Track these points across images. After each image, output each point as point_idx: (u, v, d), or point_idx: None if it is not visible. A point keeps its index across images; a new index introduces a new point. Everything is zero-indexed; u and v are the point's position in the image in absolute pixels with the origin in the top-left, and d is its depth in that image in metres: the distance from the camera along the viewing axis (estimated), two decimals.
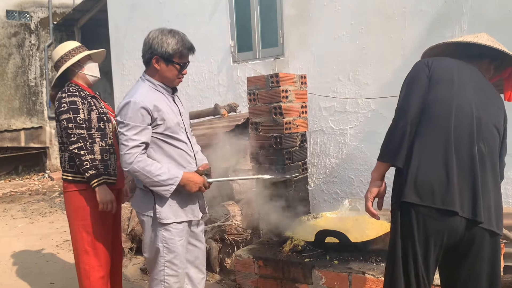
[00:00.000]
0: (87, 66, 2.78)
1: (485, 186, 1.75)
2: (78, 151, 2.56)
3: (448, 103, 1.78)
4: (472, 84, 1.84)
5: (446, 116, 1.76)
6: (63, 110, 2.59)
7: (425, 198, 1.73)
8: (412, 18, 3.91)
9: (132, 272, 4.00)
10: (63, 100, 2.60)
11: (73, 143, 2.57)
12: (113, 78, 6.67)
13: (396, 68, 4.01)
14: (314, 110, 4.46)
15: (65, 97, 2.61)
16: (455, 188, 1.71)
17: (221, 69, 5.29)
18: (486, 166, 1.77)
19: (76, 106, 2.61)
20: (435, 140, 1.76)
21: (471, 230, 1.75)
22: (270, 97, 3.18)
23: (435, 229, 1.74)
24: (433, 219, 1.74)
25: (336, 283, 2.65)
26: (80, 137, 2.58)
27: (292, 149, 3.26)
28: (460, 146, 1.75)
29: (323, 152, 4.48)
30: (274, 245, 3.14)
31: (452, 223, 1.73)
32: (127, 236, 4.27)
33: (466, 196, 1.73)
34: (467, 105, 1.78)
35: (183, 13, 5.58)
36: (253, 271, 3.01)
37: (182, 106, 2.46)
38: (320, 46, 4.45)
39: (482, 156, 1.77)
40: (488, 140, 1.79)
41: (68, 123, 2.58)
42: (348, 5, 4.25)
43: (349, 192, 4.30)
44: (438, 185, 1.72)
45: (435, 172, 1.74)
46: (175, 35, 2.26)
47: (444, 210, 1.72)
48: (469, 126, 1.76)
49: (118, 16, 6.47)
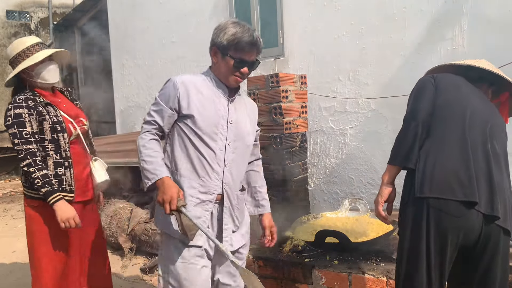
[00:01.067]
0: (40, 70, 2.48)
1: (500, 184, 1.78)
2: (27, 168, 2.33)
3: (460, 103, 1.85)
4: (476, 94, 1.94)
5: (460, 115, 1.82)
6: (9, 125, 2.36)
7: (446, 192, 1.73)
8: (412, 18, 3.91)
9: (132, 272, 4.00)
10: (8, 113, 2.38)
11: (22, 160, 2.34)
12: (113, 78, 6.67)
13: (396, 68, 4.01)
14: (314, 110, 4.46)
15: (11, 109, 2.38)
16: (474, 182, 1.73)
17: None
18: (501, 165, 1.81)
19: (21, 119, 2.37)
20: (451, 139, 1.80)
21: (487, 227, 1.75)
22: (270, 97, 3.18)
23: (451, 226, 1.73)
24: (450, 215, 1.73)
25: (336, 283, 2.65)
26: (28, 153, 2.34)
27: (292, 149, 3.26)
28: (475, 143, 1.79)
29: (323, 152, 4.48)
30: (274, 245, 3.13)
31: (469, 218, 1.73)
32: (127, 236, 4.27)
33: (483, 191, 1.75)
34: (476, 106, 1.86)
35: (183, 13, 5.58)
36: (253, 271, 3.01)
37: (242, 115, 2.07)
38: (320, 46, 4.44)
39: (496, 155, 1.81)
40: (501, 140, 1.86)
41: (14, 138, 2.35)
42: (348, 5, 4.25)
43: (349, 192, 4.30)
44: (458, 179, 1.74)
45: (454, 168, 1.75)
46: (237, 25, 1.94)
47: (464, 203, 1.72)
48: (481, 125, 1.83)
49: (118, 16, 6.47)
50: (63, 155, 2.48)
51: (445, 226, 1.73)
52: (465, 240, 1.77)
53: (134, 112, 6.40)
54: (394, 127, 3.83)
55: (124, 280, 3.89)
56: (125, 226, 4.31)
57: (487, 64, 1.98)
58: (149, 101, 6.16)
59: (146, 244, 4.16)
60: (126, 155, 5.13)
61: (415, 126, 1.82)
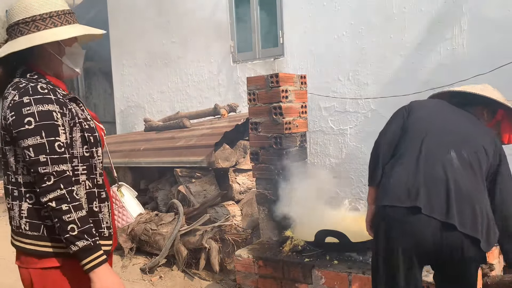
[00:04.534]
0: (75, 50, 1.64)
1: (466, 192, 1.75)
2: (57, 204, 1.43)
3: (424, 120, 1.96)
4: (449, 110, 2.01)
5: (420, 130, 1.91)
6: (29, 130, 1.43)
7: (394, 200, 1.81)
8: (412, 18, 3.91)
9: (132, 272, 4.00)
10: (26, 110, 1.43)
11: (49, 191, 1.43)
12: (113, 78, 6.67)
13: (396, 68, 4.01)
14: (314, 110, 4.45)
15: (30, 103, 1.44)
16: (421, 189, 1.75)
17: (221, 69, 5.29)
18: (470, 173, 1.79)
19: (52, 121, 1.45)
20: (407, 152, 1.88)
21: (448, 235, 1.72)
22: (270, 97, 3.18)
23: (400, 233, 1.78)
24: (398, 222, 1.79)
25: (336, 283, 2.65)
26: (61, 179, 1.45)
27: (292, 149, 3.26)
28: (431, 153, 1.82)
29: (323, 152, 4.47)
30: (274, 245, 3.14)
31: (416, 225, 1.73)
32: (127, 236, 4.27)
33: (437, 198, 1.74)
34: (442, 119, 1.95)
35: (183, 13, 5.58)
36: (253, 271, 3.01)
37: None
38: (320, 46, 4.44)
39: (464, 162, 1.79)
40: (471, 149, 1.83)
41: (38, 153, 1.43)
42: (348, 5, 4.25)
43: (349, 192, 4.30)
44: (406, 187, 1.79)
45: (404, 177, 1.82)
46: None
47: (410, 209, 1.75)
48: (446, 137, 1.86)
49: (118, 16, 6.47)
50: (98, 181, 1.61)
51: (394, 235, 1.80)
52: (422, 248, 1.75)
53: (134, 112, 6.40)
54: None
55: (124, 280, 3.89)
56: (125, 226, 4.31)
57: (481, 88, 2.03)
58: (149, 101, 6.16)
59: (146, 244, 4.16)
60: (126, 155, 5.13)
61: (376, 148, 2.01)
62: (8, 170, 1.54)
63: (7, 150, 1.52)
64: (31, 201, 1.51)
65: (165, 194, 4.77)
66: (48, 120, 1.45)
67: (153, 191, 4.94)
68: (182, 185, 4.37)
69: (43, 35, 1.50)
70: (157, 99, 6.07)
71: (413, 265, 1.79)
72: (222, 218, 3.93)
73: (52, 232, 1.50)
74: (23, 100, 1.45)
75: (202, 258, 3.81)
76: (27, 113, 1.43)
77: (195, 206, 4.11)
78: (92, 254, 1.46)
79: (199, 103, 5.54)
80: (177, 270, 3.90)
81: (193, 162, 4.35)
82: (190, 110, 5.55)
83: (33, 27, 1.50)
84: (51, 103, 1.47)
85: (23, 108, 1.44)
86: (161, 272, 3.94)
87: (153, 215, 4.30)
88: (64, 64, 1.61)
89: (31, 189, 1.50)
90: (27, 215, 1.51)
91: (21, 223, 1.52)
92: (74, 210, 1.45)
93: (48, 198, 1.43)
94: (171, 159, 4.58)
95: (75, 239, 1.44)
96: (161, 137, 5.13)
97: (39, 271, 1.53)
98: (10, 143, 1.50)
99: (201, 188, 4.34)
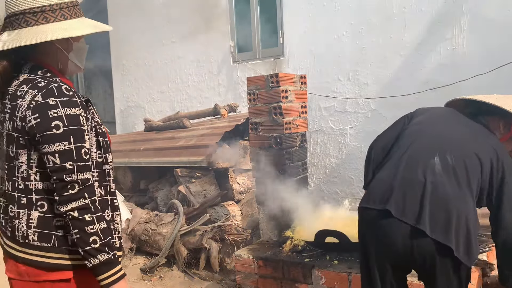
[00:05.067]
0: (82, 46, 1.55)
1: (445, 196, 1.65)
2: (80, 214, 1.35)
3: (419, 125, 1.90)
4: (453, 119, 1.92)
5: (409, 136, 1.87)
6: (57, 135, 1.33)
7: (369, 201, 1.79)
8: (412, 18, 3.91)
9: (132, 272, 4.00)
10: (53, 113, 1.33)
11: (72, 200, 1.35)
12: (113, 78, 6.67)
13: (396, 68, 4.01)
14: (314, 110, 4.45)
15: (57, 105, 1.34)
16: (394, 193, 1.70)
17: (221, 69, 5.29)
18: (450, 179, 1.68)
19: (79, 125, 1.37)
20: (392, 158, 1.85)
21: (420, 241, 1.63)
22: (270, 97, 3.18)
23: (371, 236, 1.77)
24: (370, 224, 1.78)
25: (336, 283, 2.65)
26: (86, 187, 1.38)
27: (292, 149, 3.26)
28: (415, 158, 1.76)
29: (323, 152, 4.48)
30: (274, 245, 3.14)
31: (384, 228, 1.69)
32: (127, 236, 4.27)
33: (412, 202, 1.66)
34: (438, 125, 1.88)
35: (183, 13, 5.58)
36: (253, 271, 3.01)
37: None
38: (320, 46, 4.44)
39: (447, 168, 1.69)
40: (458, 155, 1.71)
41: (64, 160, 1.34)
42: (348, 5, 4.25)
43: (349, 192, 4.30)
44: (379, 190, 1.77)
45: (380, 180, 1.81)
46: None
47: (381, 212, 1.70)
48: (435, 142, 1.79)
49: (118, 16, 6.47)
50: (111, 187, 1.54)
51: (367, 237, 1.80)
52: (393, 253, 1.70)
53: (134, 112, 6.40)
54: None
55: None
56: (125, 226, 4.31)
57: (496, 98, 1.89)
58: (149, 101, 6.16)
59: (146, 244, 4.16)
60: (126, 155, 5.13)
61: (368, 152, 2.02)
62: (13, 176, 1.41)
63: (19, 154, 1.39)
64: (43, 210, 1.41)
65: (165, 194, 4.77)
66: (76, 125, 1.36)
67: (153, 191, 4.94)
68: (182, 185, 4.37)
69: (54, 28, 1.38)
70: (157, 99, 6.07)
71: (386, 270, 1.74)
72: (222, 218, 3.92)
73: (64, 243, 1.41)
74: (48, 102, 1.33)
75: (202, 258, 3.81)
76: (54, 116, 1.33)
77: (195, 206, 4.10)
78: (112, 268, 1.39)
79: (199, 103, 5.54)
80: (177, 270, 3.90)
81: (193, 162, 4.35)
82: (190, 110, 5.55)
83: (41, 18, 1.37)
84: (77, 107, 1.37)
85: (50, 110, 1.33)
86: (161, 272, 3.94)
87: (153, 215, 4.30)
88: (70, 60, 1.51)
89: (43, 197, 1.41)
90: (37, 224, 1.40)
91: (29, 233, 1.40)
92: (97, 221, 1.37)
93: (70, 208, 1.34)
94: (171, 159, 4.59)
95: (97, 252, 1.35)
96: (161, 137, 5.14)
97: (47, 284, 1.42)
98: (25, 146, 1.38)
99: (201, 188, 4.34)
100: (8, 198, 1.44)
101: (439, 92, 3.65)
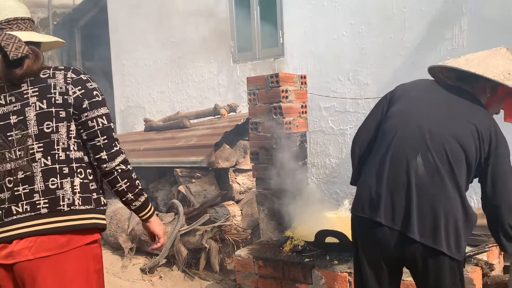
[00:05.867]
0: None
1: (426, 198, 1.63)
2: (126, 165, 1.65)
3: (399, 113, 1.80)
4: (431, 100, 1.81)
5: (389, 131, 1.78)
6: (100, 101, 1.62)
7: (359, 210, 1.79)
8: (412, 18, 3.91)
9: (132, 272, 4.00)
10: (89, 85, 1.61)
11: (118, 154, 1.63)
12: (113, 78, 6.67)
13: (396, 68, 4.01)
14: (314, 110, 4.45)
15: (89, 79, 1.63)
16: (382, 200, 1.68)
17: (221, 69, 5.29)
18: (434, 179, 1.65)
19: (103, 95, 1.69)
20: (376, 155, 1.80)
21: (410, 246, 1.65)
22: (270, 97, 3.18)
23: (367, 242, 1.78)
24: (364, 231, 1.78)
25: (336, 283, 2.65)
26: (120, 144, 1.70)
27: (292, 149, 3.26)
28: (398, 159, 1.70)
29: (323, 152, 4.48)
30: (274, 245, 3.14)
31: (381, 233, 1.69)
32: (127, 236, 4.27)
33: (399, 208, 1.66)
34: (415, 118, 1.75)
35: (183, 13, 5.58)
36: (253, 271, 3.01)
37: None
38: (320, 46, 4.44)
39: (430, 168, 1.65)
40: (440, 149, 1.66)
41: (109, 121, 1.64)
42: (348, 5, 4.25)
43: (349, 192, 4.30)
44: (369, 196, 1.74)
45: (368, 185, 1.77)
46: None
47: (372, 221, 1.71)
48: (415, 138, 1.71)
49: (118, 16, 6.47)
50: None
51: (362, 243, 1.80)
52: (391, 256, 1.71)
53: (134, 112, 6.40)
54: None
55: (124, 280, 3.89)
56: (125, 226, 4.31)
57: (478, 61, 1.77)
58: (149, 101, 6.16)
59: (146, 244, 4.16)
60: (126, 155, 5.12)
61: (352, 148, 1.96)
62: (52, 150, 1.54)
63: (59, 127, 1.55)
64: (82, 176, 1.59)
65: (165, 194, 4.77)
66: (103, 94, 1.66)
67: (153, 191, 4.94)
68: (182, 185, 4.37)
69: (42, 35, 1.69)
70: (157, 99, 6.07)
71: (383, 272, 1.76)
72: (222, 218, 3.92)
73: (98, 204, 1.62)
74: (81, 77, 1.60)
75: (202, 258, 3.81)
76: (92, 87, 1.61)
77: (195, 206, 4.10)
78: (149, 205, 1.75)
79: (199, 103, 5.54)
80: (177, 270, 3.90)
81: (193, 162, 4.35)
82: (190, 110, 5.55)
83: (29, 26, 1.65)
84: (95, 81, 1.66)
85: (87, 83, 1.60)
86: (161, 272, 3.94)
87: None
88: None
89: (81, 165, 1.59)
90: (80, 190, 1.57)
91: (75, 199, 1.55)
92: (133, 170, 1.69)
93: (118, 162, 1.62)
94: (171, 159, 4.59)
95: (142, 192, 1.69)
96: (161, 137, 5.14)
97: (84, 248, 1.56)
98: (64, 119, 1.56)
99: (201, 188, 4.34)
100: (48, 172, 1.54)
101: None
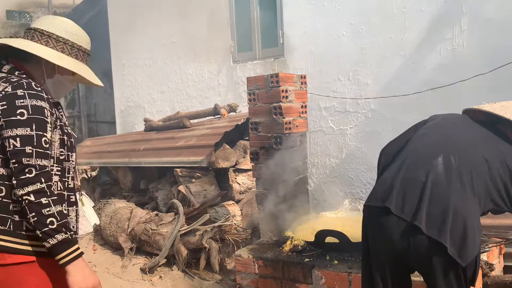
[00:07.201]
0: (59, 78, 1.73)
1: (440, 196, 1.66)
2: (36, 198, 1.43)
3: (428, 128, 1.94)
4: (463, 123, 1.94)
5: (418, 135, 1.91)
6: (20, 121, 1.46)
7: (372, 200, 1.83)
8: (412, 18, 3.91)
9: (132, 272, 4.00)
10: (20, 102, 1.47)
11: (29, 184, 1.43)
12: (113, 78, 6.67)
13: (396, 68, 4.01)
14: (314, 110, 4.46)
15: (25, 96, 1.48)
16: (395, 190, 1.73)
17: (221, 69, 5.29)
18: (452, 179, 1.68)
19: (43, 116, 1.50)
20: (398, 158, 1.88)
21: (415, 238, 1.64)
22: (270, 97, 3.18)
23: (372, 232, 1.81)
24: (374, 221, 1.80)
25: (336, 283, 2.65)
26: (42, 174, 1.47)
27: (292, 149, 3.26)
28: (420, 157, 1.79)
29: (323, 152, 4.48)
30: (274, 245, 3.14)
31: (384, 224, 1.72)
32: (127, 236, 4.27)
33: (410, 200, 1.68)
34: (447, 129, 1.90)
35: (183, 13, 5.58)
36: (253, 271, 3.01)
37: None
38: (320, 46, 4.44)
39: (450, 168, 1.70)
40: (463, 157, 1.72)
41: (24, 144, 1.45)
42: (348, 5, 4.25)
43: (349, 192, 4.30)
44: (382, 188, 1.80)
45: (384, 179, 1.84)
46: None
47: (381, 209, 1.74)
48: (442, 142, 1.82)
49: (118, 16, 6.47)
50: (69, 184, 1.66)
51: (369, 234, 1.84)
52: (391, 250, 1.72)
53: (134, 112, 6.40)
54: (394, 127, 3.83)
55: (124, 280, 3.89)
56: (125, 226, 4.31)
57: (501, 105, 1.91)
58: (149, 101, 6.17)
59: (146, 244, 4.16)
60: (126, 155, 5.13)
61: (379, 159, 2.04)
62: None
63: None
64: (1, 194, 1.49)
65: (165, 194, 4.77)
66: (40, 115, 1.49)
67: (153, 191, 4.94)
68: (182, 185, 4.37)
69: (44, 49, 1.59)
70: (157, 99, 6.07)
71: (386, 267, 1.77)
72: (222, 218, 3.92)
73: (19, 228, 1.49)
74: (17, 93, 1.48)
75: (202, 258, 3.81)
76: (20, 105, 1.47)
77: (195, 206, 4.10)
78: (70, 247, 1.48)
79: (199, 103, 5.54)
80: (177, 270, 3.89)
81: (193, 162, 4.35)
82: (190, 110, 5.55)
83: (43, 40, 1.61)
84: (43, 100, 1.52)
85: (17, 99, 1.48)
86: (161, 272, 3.94)
87: (153, 215, 4.30)
88: (45, 85, 1.66)
89: (3, 182, 1.49)
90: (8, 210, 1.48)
91: None
92: (53, 204, 1.46)
93: (27, 191, 1.43)
94: (171, 159, 4.59)
95: (54, 232, 1.44)
96: (161, 137, 5.13)
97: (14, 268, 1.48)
98: None
99: (201, 188, 4.34)
100: None
101: (439, 92, 3.65)
